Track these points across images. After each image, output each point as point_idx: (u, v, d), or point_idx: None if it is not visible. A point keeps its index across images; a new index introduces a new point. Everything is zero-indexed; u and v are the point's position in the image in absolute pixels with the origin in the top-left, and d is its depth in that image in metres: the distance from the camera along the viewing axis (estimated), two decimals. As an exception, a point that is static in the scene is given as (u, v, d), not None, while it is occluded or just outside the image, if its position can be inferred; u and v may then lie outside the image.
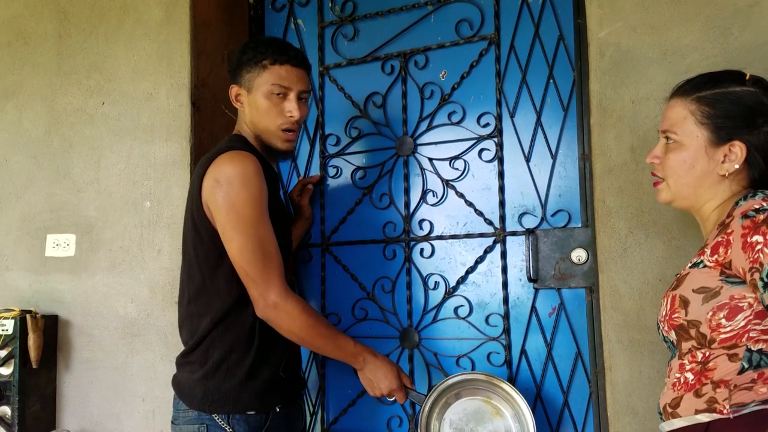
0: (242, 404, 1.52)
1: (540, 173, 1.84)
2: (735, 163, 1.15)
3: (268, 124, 1.63)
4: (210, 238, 1.54)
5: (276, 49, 1.62)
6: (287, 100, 1.62)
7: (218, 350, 1.54)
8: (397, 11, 2.04)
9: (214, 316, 1.54)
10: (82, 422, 2.06)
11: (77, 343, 2.08)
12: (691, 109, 1.18)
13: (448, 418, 1.64)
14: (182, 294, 1.63)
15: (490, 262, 1.88)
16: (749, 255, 1.03)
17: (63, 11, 2.25)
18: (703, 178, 1.18)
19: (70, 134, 2.18)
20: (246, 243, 1.47)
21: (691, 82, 1.21)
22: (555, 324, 1.79)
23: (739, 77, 1.17)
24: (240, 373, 1.53)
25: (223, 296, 1.54)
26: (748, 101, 1.14)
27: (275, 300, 1.48)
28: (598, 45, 1.60)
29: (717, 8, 1.49)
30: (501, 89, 1.89)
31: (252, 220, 1.48)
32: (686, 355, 1.14)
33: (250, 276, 1.48)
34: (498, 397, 1.61)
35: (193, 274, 1.59)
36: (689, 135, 1.18)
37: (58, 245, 2.14)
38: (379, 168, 2.03)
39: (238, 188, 1.48)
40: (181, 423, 1.55)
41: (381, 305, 1.98)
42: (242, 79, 1.63)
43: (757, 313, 1.06)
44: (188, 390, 1.56)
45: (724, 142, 1.15)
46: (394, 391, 1.61)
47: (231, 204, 1.48)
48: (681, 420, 1.13)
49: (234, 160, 1.51)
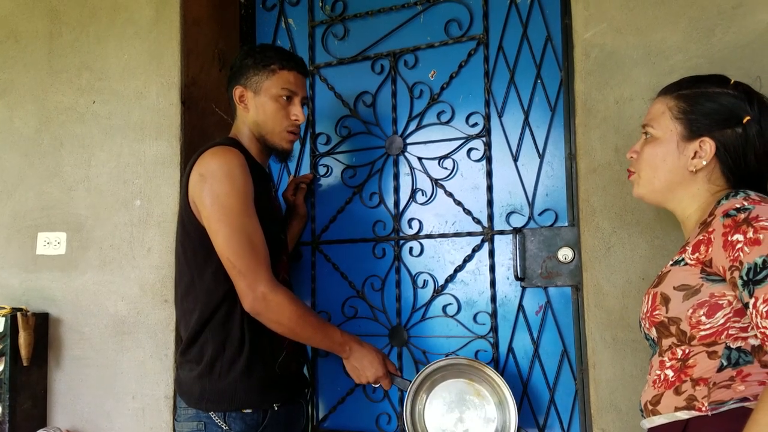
0: (238, 402, 1.53)
1: (527, 173, 1.85)
2: (703, 159, 1.17)
3: (274, 126, 1.68)
4: (197, 234, 1.56)
5: (284, 55, 1.69)
6: (293, 105, 1.69)
7: (211, 348, 1.55)
8: (387, 11, 2.05)
9: (203, 313, 1.55)
10: (72, 420, 2.06)
11: (68, 340, 2.09)
12: (669, 105, 1.21)
13: (433, 401, 1.67)
14: (175, 291, 1.65)
15: (479, 260, 1.89)
16: (729, 253, 1.04)
17: (54, 10, 2.25)
18: (674, 172, 1.20)
19: (60, 132, 2.18)
20: (231, 235, 1.49)
21: (677, 83, 1.24)
22: (542, 322, 1.80)
23: (723, 81, 1.19)
24: (235, 370, 1.54)
25: (211, 293, 1.55)
26: (724, 101, 1.16)
27: (263, 291, 1.49)
28: (583, 46, 1.61)
29: (701, 10, 1.50)
30: (489, 89, 1.90)
31: (236, 212, 1.50)
32: (666, 352, 1.15)
33: (237, 268, 1.49)
34: (481, 381, 1.64)
35: (182, 271, 1.61)
36: (664, 129, 1.21)
37: (48, 243, 2.14)
38: (368, 167, 2.04)
39: (222, 181, 1.50)
40: (182, 420, 1.58)
41: (370, 303, 2.00)
42: (248, 81, 1.68)
43: (736, 311, 1.06)
44: (187, 388, 1.58)
45: (695, 138, 1.17)
46: (379, 378, 1.64)
47: (215, 196, 1.50)
48: (661, 417, 1.13)
49: (216, 155, 1.54)
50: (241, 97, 1.69)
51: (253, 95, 1.68)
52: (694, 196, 1.20)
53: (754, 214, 1.04)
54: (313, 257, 2.09)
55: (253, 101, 1.68)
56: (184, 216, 1.58)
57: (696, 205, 1.20)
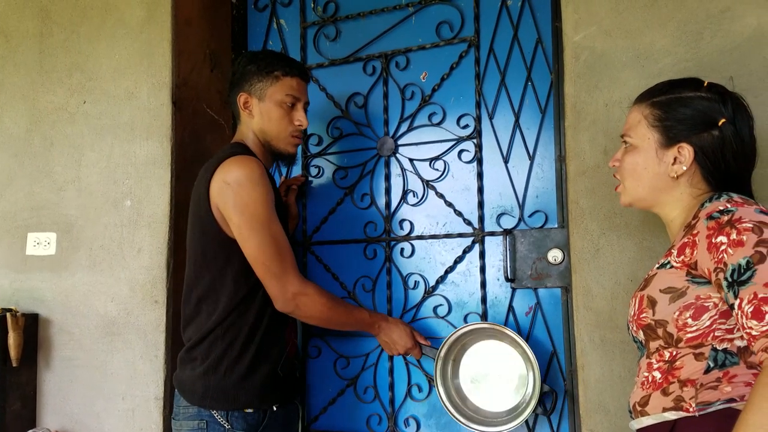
0: (241, 401, 1.56)
1: (518, 174, 1.86)
2: (683, 164, 1.18)
3: (279, 132, 1.71)
4: (219, 239, 1.59)
5: (287, 61, 1.73)
6: (296, 110, 1.73)
7: (220, 346, 1.58)
8: (379, 12, 2.05)
9: (221, 314, 1.58)
10: (62, 421, 2.06)
11: (57, 341, 2.08)
12: (645, 114, 1.22)
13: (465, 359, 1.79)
14: (188, 294, 1.66)
15: (469, 261, 1.90)
16: (714, 255, 1.05)
17: (45, 10, 2.24)
18: (656, 179, 1.21)
19: (51, 133, 2.17)
20: (263, 240, 1.54)
21: (651, 89, 1.25)
22: (531, 323, 1.81)
23: (696, 84, 1.20)
24: (240, 369, 1.56)
25: (231, 295, 1.58)
26: (698, 106, 1.17)
27: (298, 288, 1.56)
28: (573, 48, 1.62)
29: (689, 13, 1.51)
30: (480, 91, 1.91)
31: (265, 219, 1.55)
32: (654, 354, 1.15)
33: (272, 271, 1.55)
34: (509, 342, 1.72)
35: (201, 275, 1.62)
36: (642, 138, 1.22)
37: (38, 244, 2.14)
38: (360, 168, 2.04)
39: (249, 189, 1.55)
40: (182, 419, 1.59)
41: (362, 304, 2.00)
42: (252, 87, 1.71)
43: (722, 313, 1.07)
44: (189, 386, 1.59)
45: (673, 144, 1.18)
46: (409, 349, 1.76)
47: (245, 205, 1.54)
48: (649, 418, 1.14)
49: (241, 163, 1.58)
50: (245, 104, 1.72)
51: (257, 102, 1.71)
52: (677, 200, 1.21)
53: (737, 216, 1.05)
54: (304, 258, 2.09)
55: (257, 108, 1.71)
56: (205, 221, 1.60)
57: (680, 209, 1.21)
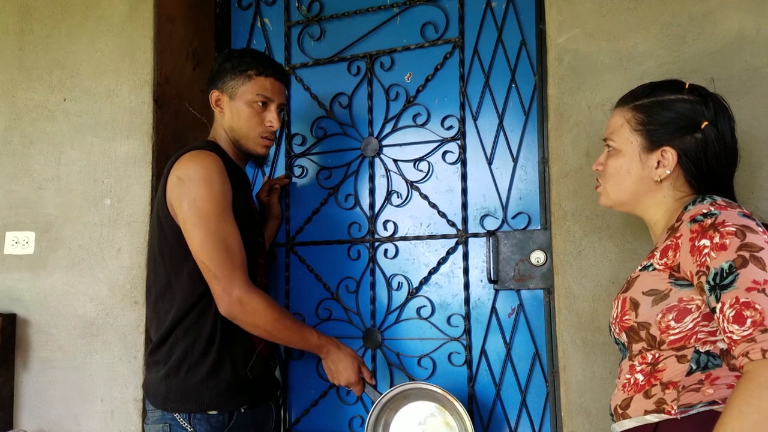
0: (203, 403, 1.52)
1: (501, 176, 1.86)
2: (667, 168, 1.18)
3: (248, 131, 1.69)
4: (174, 236, 1.56)
5: (262, 61, 1.69)
6: (268, 111, 1.70)
7: (181, 347, 1.54)
8: (364, 12, 2.05)
9: (177, 313, 1.55)
10: (40, 422, 2.02)
11: (35, 342, 2.05)
12: (627, 117, 1.22)
13: (401, 416, 1.69)
14: (149, 292, 1.64)
15: (453, 263, 1.89)
16: (697, 258, 1.05)
17: (25, 5, 2.20)
18: (639, 183, 1.21)
19: (30, 130, 2.14)
20: (206, 239, 1.50)
21: (632, 92, 1.25)
22: (514, 325, 1.81)
23: (678, 86, 1.20)
24: (201, 370, 1.53)
25: (187, 294, 1.55)
26: (680, 108, 1.17)
27: (239, 295, 1.50)
28: (556, 51, 1.62)
29: (672, 16, 1.52)
30: (465, 92, 1.91)
31: (213, 216, 1.51)
32: (636, 356, 1.15)
33: (212, 272, 1.50)
34: (453, 413, 1.64)
35: (158, 273, 1.60)
36: (625, 142, 1.22)
37: (17, 243, 2.10)
38: (344, 168, 2.03)
39: (199, 185, 1.52)
40: (150, 423, 1.57)
41: (345, 305, 1.99)
42: (225, 85, 1.69)
43: (704, 315, 1.07)
44: (153, 389, 1.57)
45: (656, 148, 1.19)
46: (351, 384, 1.68)
47: (191, 200, 1.51)
48: (631, 420, 1.14)
49: (194, 159, 1.56)
50: (217, 101, 1.71)
51: (228, 100, 1.69)
52: (660, 203, 1.21)
53: (720, 220, 1.05)
54: (287, 259, 2.07)
55: (228, 106, 1.69)
56: (162, 217, 1.58)
57: (663, 211, 1.21)
